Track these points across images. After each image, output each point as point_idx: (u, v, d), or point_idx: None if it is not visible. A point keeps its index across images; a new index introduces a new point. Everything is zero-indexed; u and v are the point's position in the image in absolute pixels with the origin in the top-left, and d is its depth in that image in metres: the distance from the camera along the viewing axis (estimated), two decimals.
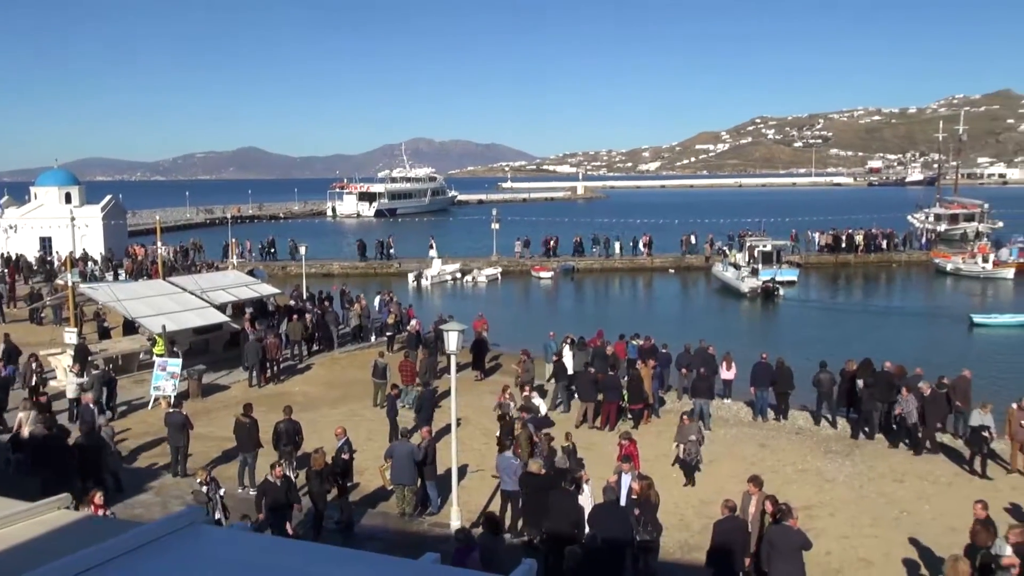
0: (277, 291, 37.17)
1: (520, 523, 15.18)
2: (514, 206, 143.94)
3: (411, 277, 54.90)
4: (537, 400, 21.59)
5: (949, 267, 56.51)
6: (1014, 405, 18.94)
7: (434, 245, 62.75)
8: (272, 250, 64.41)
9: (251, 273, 42.04)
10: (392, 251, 63.58)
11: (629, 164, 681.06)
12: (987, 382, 26.42)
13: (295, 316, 31.70)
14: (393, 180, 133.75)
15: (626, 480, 14.26)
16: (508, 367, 26.10)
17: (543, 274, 57.05)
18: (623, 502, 13.73)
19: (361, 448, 18.93)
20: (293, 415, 18.23)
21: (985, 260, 54.50)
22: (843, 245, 62.84)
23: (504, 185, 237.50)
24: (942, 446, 20.65)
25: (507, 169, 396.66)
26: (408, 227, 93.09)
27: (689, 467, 17.83)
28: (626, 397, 22.56)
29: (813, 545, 12.04)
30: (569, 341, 26.87)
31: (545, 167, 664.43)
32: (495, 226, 62.78)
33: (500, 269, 58.34)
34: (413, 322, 31.34)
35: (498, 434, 18.53)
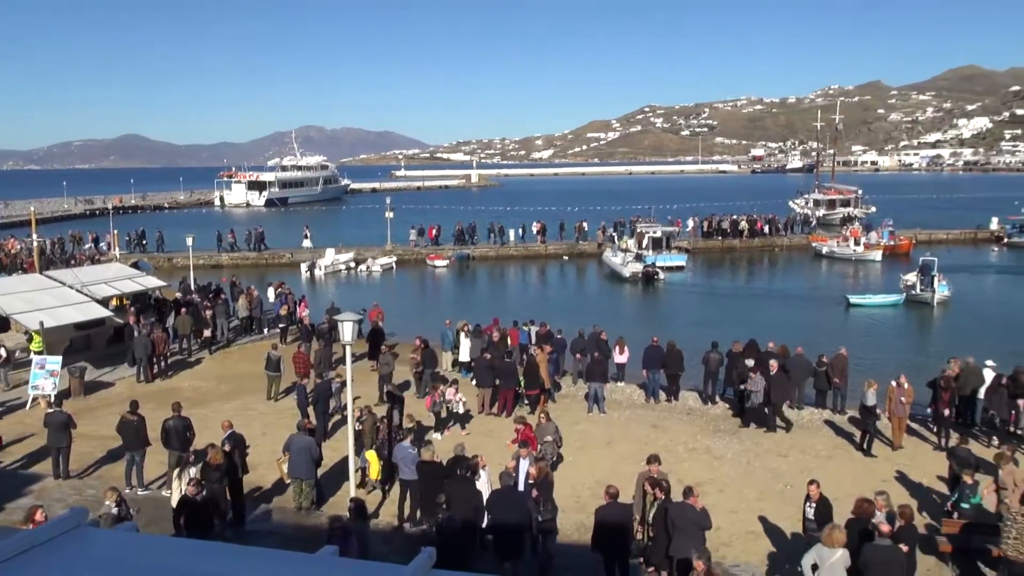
0: (163, 284, 35.89)
1: (419, 512, 15.19)
2: (408, 194, 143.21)
3: (304, 267, 53.97)
4: (454, 394, 21.28)
5: (825, 250, 59.36)
6: (893, 383, 19.86)
7: (308, 235, 61.89)
8: (143, 242, 62.08)
9: (135, 265, 40.45)
10: (255, 241, 61.40)
11: (523, 152, 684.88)
12: (864, 359, 27.86)
13: (183, 309, 30.72)
14: (284, 169, 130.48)
15: (524, 465, 14.44)
16: (404, 356, 25.98)
17: (438, 262, 56.94)
18: (521, 487, 13.90)
19: (255, 443, 18.53)
20: (183, 411, 17.66)
21: (856, 243, 57.45)
22: (726, 231, 64.87)
23: (398, 173, 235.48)
24: (827, 422, 21.70)
25: (400, 157, 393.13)
26: (300, 216, 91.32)
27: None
28: (522, 383, 22.80)
29: (712, 526, 12.43)
30: (465, 329, 26.95)
31: (439, 155, 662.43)
32: (389, 215, 62.24)
33: (395, 258, 57.97)
34: (302, 313, 30.89)
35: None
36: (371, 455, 16.51)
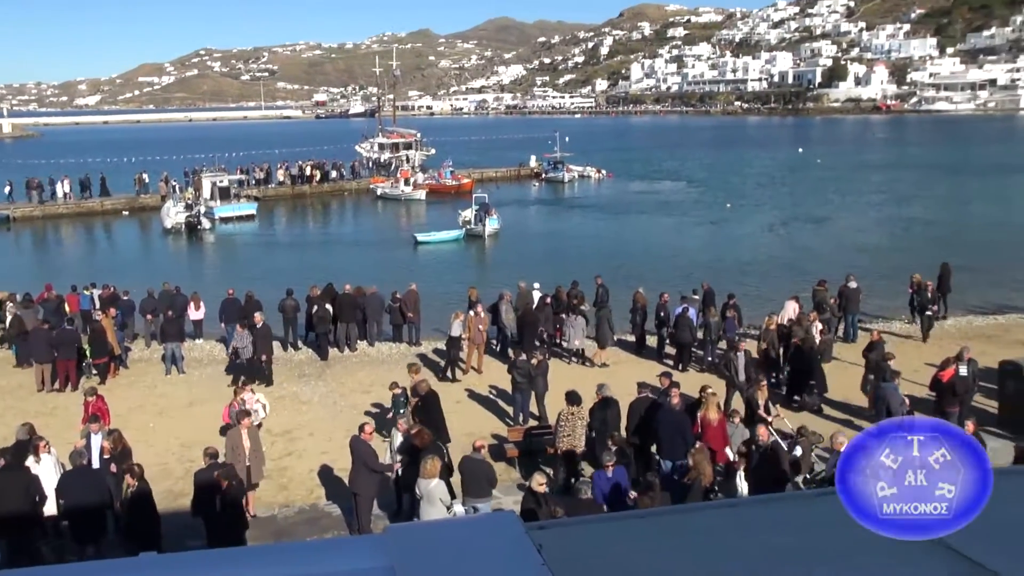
0: None
1: None
2: None
3: None
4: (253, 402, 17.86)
5: (380, 191, 62.28)
6: (471, 312, 21.52)
7: None
8: None
9: None
10: None
11: (64, 99, 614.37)
12: (435, 292, 29.75)
13: None
14: None
15: (96, 440, 13.42)
16: None
17: None
18: (96, 464, 12.92)
19: None
20: None
21: (407, 184, 60.98)
22: (295, 178, 64.67)
23: None
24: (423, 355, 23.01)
25: None
26: None
27: None
28: (88, 352, 20.98)
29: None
30: (12, 299, 23.96)
31: None
32: None
33: None
34: None
35: None
36: None
